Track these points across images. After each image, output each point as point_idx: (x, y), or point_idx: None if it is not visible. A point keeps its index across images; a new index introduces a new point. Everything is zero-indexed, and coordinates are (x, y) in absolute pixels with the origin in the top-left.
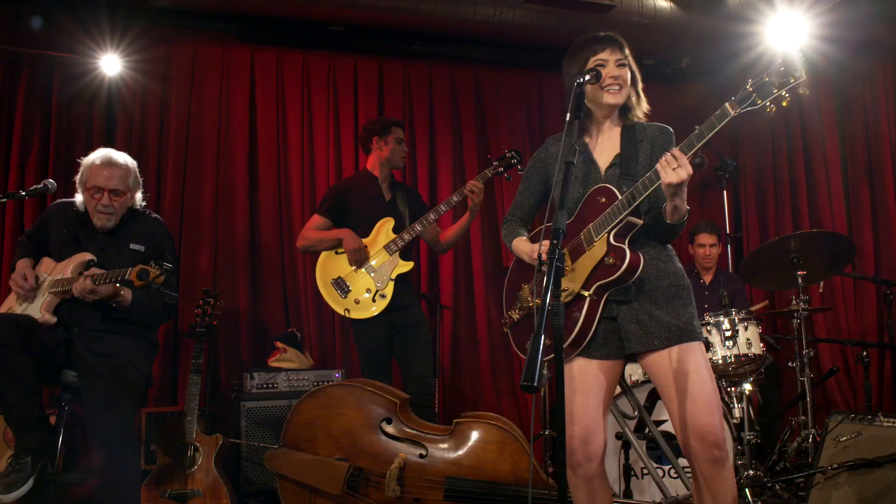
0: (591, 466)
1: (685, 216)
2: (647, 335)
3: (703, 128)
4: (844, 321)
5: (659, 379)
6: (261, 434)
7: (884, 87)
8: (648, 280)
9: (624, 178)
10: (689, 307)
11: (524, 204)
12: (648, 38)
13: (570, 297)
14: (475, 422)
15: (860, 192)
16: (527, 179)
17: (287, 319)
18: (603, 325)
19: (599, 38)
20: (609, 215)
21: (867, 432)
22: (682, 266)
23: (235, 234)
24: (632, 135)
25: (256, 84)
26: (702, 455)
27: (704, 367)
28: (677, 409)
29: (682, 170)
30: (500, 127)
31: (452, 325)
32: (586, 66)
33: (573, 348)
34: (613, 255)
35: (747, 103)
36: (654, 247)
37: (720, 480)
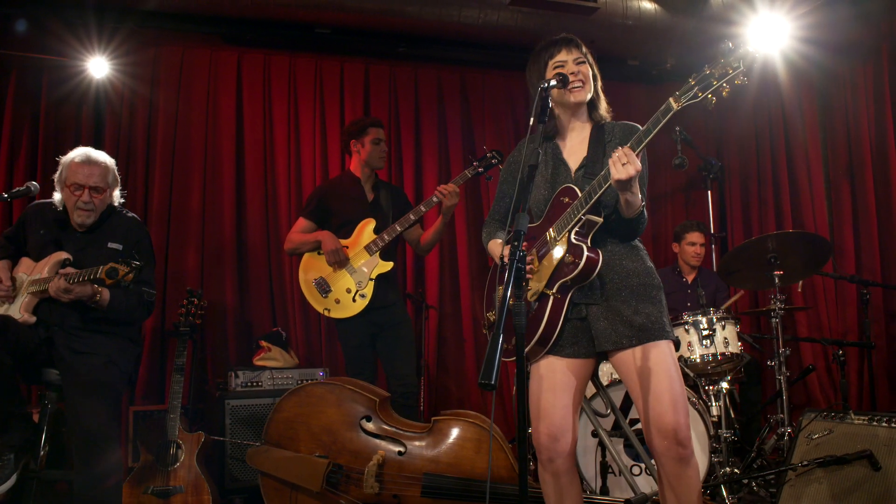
0: (559, 463)
1: (641, 210)
2: (616, 334)
3: (649, 123)
4: (826, 320)
5: (627, 377)
6: (245, 432)
7: (864, 89)
8: (618, 279)
9: (588, 178)
10: (658, 306)
11: (501, 207)
12: (633, 39)
13: (535, 296)
14: (453, 420)
15: (841, 193)
16: (503, 183)
17: (273, 319)
18: (572, 324)
19: (555, 41)
20: (569, 214)
21: (839, 430)
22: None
23: (223, 234)
24: (600, 135)
25: (243, 86)
26: (666, 453)
27: (672, 366)
28: (644, 408)
29: (630, 166)
30: (485, 128)
31: (438, 324)
32: (545, 69)
33: (540, 347)
34: (573, 253)
35: (689, 96)
36: (624, 246)
37: (684, 478)
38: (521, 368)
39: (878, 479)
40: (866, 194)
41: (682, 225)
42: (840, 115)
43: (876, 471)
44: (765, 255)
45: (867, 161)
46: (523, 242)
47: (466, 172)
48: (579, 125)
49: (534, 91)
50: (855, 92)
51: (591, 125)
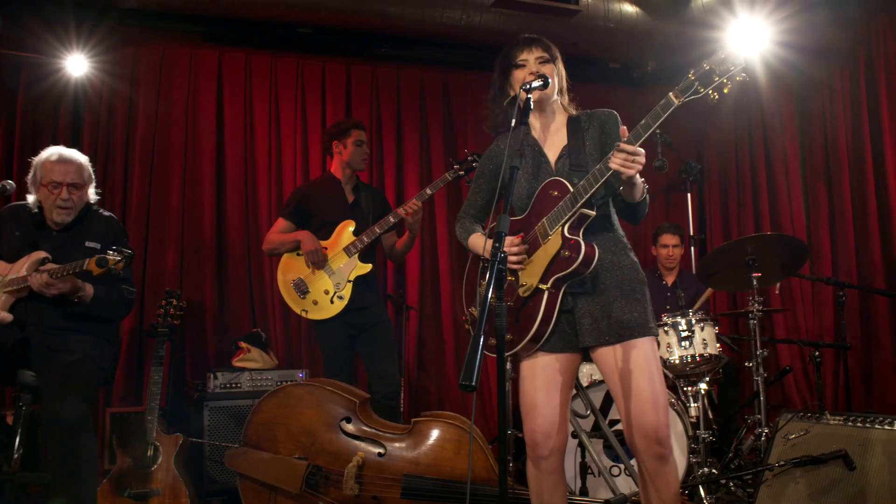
0: (554, 460)
1: (645, 191)
2: (599, 330)
3: (648, 118)
4: (803, 321)
5: (608, 374)
6: (224, 433)
7: (841, 93)
8: (603, 272)
9: (574, 169)
10: (642, 302)
11: (477, 202)
12: (614, 42)
13: (528, 291)
14: (433, 421)
15: (818, 196)
16: (479, 177)
17: (253, 320)
18: (560, 318)
19: (518, 41)
20: (562, 208)
21: (815, 430)
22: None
23: (202, 234)
24: (577, 125)
25: (224, 85)
26: (645, 451)
27: (653, 364)
28: (624, 406)
29: (640, 157)
30: (467, 129)
31: (418, 325)
32: (509, 71)
33: (533, 343)
34: (569, 247)
35: (690, 91)
36: (609, 240)
37: (663, 476)
38: (502, 371)
39: (853, 478)
40: (843, 197)
41: (658, 227)
42: (817, 118)
43: (851, 470)
44: (743, 257)
45: (844, 164)
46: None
47: (447, 175)
48: (552, 118)
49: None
50: (832, 96)
51: (565, 116)
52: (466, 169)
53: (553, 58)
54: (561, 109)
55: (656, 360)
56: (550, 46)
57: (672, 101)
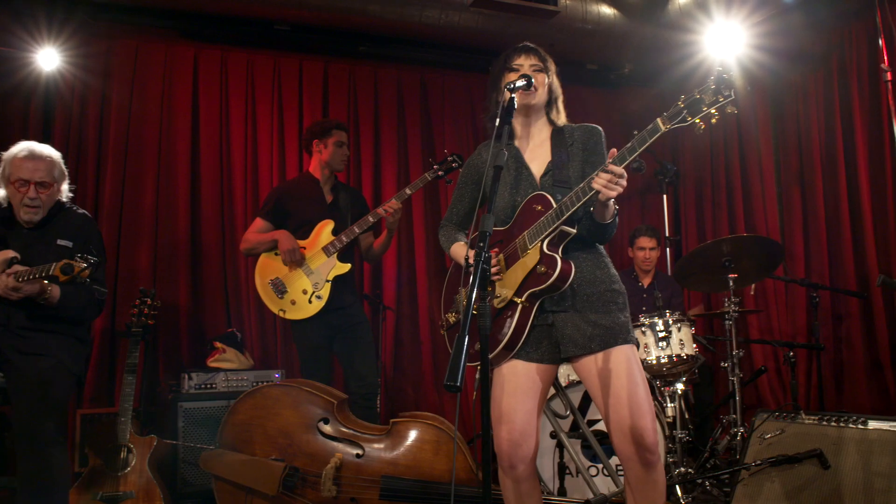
0: (521, 469)
1: (616, 213)
2: (583, 339)
3: (634, 141)
4: (776, 322)
5: (591, 382)
6: (199, 435)
7: (815, 97)
8: (585, 286)
9: (557, 185)
10: (623, 311)
11: (459, 210)
12: (592, 43)
13: (502, 303)
14: (412, 421)
15: (792, 198)
16: (461, 186)
17: (228, 320)
18: (538, 329)
19: (517, 48)
20: (543, 224)
21: (790, 430)
22: (622, 269)
23: (176, 233)
24: (561, 139)
25: (200, 82)
26: (633, 457)
27: (636, 370)
28: (606, 412)
29: (623, 180)
30: (445, 129)
31: (395, 325)
32: (503, 74)
33: (506, 352)
34: (546, 263)
35: (678, 119)
36: (589, 253)
37: (650, 482)
38: (486, 371)
39: (827, 477)
40: (816, 199)
41: (635, 229)
42: (792, 122)
43: (825, 469)
44: (719, 259)
45: (817, 167)
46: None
47: (426, 175)
48: (537, 130)
49: (492, 93)
50: (806, 100)
51: (550, 129)
52: (446, 169)
53: (546, 69)
54: (547, 123)
55: (639, 365)
56: (546, 58)
57: (659, 126)
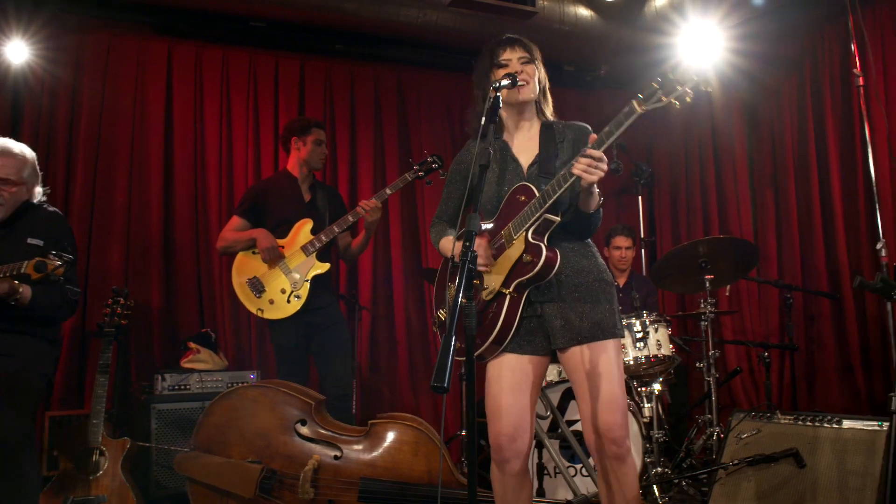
0: (518, 463)
1: (601, 204)
2: (571, 330)
3: (612, 125)
4: (749, 323)
5: (572, 373)
6: (172, 437)
7: (788, 101)
8: (573, 276)
9: (543, 176)
10: (612, 303)
11: (449, 206)
12: (569, 45)
13: (491, 294)
14: (390, 422)
15: (766, 200)
16: (451, 182)
17: (202, 319)
18: (529, 321)
19: (501, 41)
20: (527, 213)
21: (766, 429)
22: None
23: (149, 231)
24: (551, 134)
25: (174, 78)
26: (602, 451)
27: (615, 366)
28: (585, 406)
29: (602, 165)
30: (421, 128)
31: (371, 325)
32: (490, 69)
33: (496, 346)
34: (531, 252)
35: (653, 100)
36: (577, 244)
37: (621, 475)
38: (471, 371)
39: (803, 476)
40: (789, 202)
41: (611, 229)
42: (765, 125)
43: (801, 468)
44: (696, 260)
45: (790, 170)
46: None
47: (407, 176)
48: (527, 123)
49: (479, 91)
50: (780, 104)
51: (540, 123)
52: (426, 170)
53: (534, 59)
54: (537, 116)
55: (619, 362)
56: (532, 48)
57: (635, 108)
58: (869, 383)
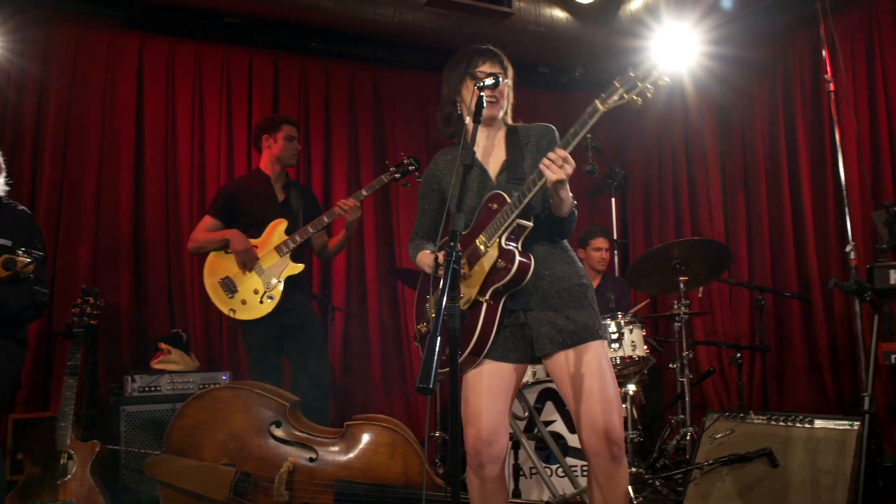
0: (494, 468)
1: (573, 208)
2: (558, 335)
3: (577, 125)
4: (720, 324)
5: (561, 378)
6: (142, 440)
7: (760, 105)
8: (555, 281)
9: (512, 182)
10: (593, 306)
11: (425, 222)
12: (544, 46)
13: (467, 303)
14: (366, 424)
15: (737, 203)
16: (423, 198)
17: (172, 320)
18: (510, 330)
19: (480, 51)
20: (499, 220)
21: (740, 429)
22: None
23: (119, 229)
24: (515, 139)
25: (145, 74)
26: (601, 452)
27: (606, 366)
28: (577, 409)
29: (567, 166)
30: (396, 129)
31: (344, 326)
32: (465, 77)
33: (473, 357)
34: (505, 258)
35: (615, 98)
36: (556, 249)
37: (616, 477)
38: (455, 372)
39: (776, 475)
40: (759, 205)
41: (587, 231)
42: (737, 129)
43: (774, 467)
44: (670, 262)
45: (761, 174)
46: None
47: (383, 177)
48: (491, 131)
49: (450, 91)
50: (751, 107)
51: (504, 129)
52: (402, 172)
53: (507, 76)
54: (502, 125)
55: (608, 362)
56: (507, 66)
57: (598, 107)
58: (837, 383)
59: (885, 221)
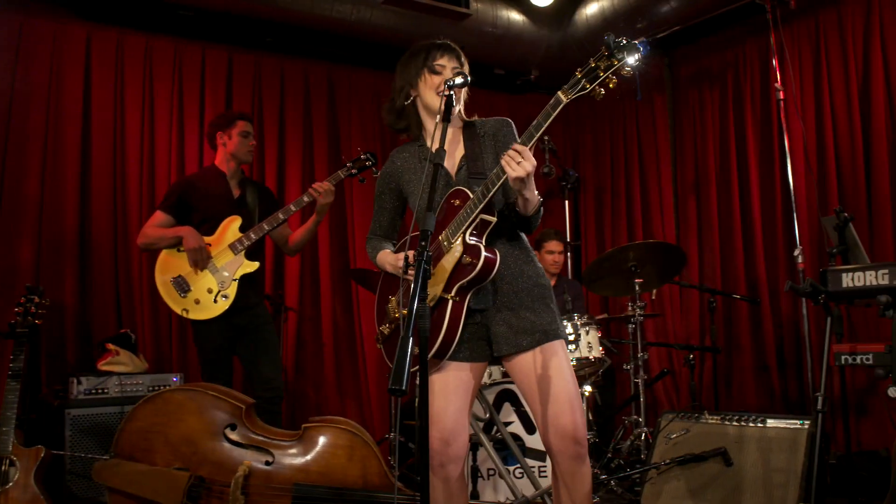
0: (452, 468)
1: (539, 206)
2: (515, 336)
3: (540, 117)
4: (671, 326)
5: (523, 379)
6: (88, 444)
7: (711, 111)
8: (513, 281)
9: (473, 177)
10: (551, 306)
11: (382, 222)
12: (500, 48)
13: (432, 301)
14: (324, 426)
15: (688, 207)
16: (379, 197)
17: (119, 320)
18: (469, 328)
19: (437, 45)
20: (462, 216)
21: (694, 429)
22: None
23: (63, 226)
24: (472, 132)
25: (93, 65)
26: (564, 452)
27: (566, 367)
28: (541, 409)
29: (526, 163)
30: (352, 127)
31: (297, 327)
32: (422, 70)
33: (437, 359)
34: (470, 253)
35: (577, 88)
36: (516, 248)
37: (579, 476)
38: (424, 373)
39: (730, 473)
40: (710, 209)
41: (541, 233)
42: (689, 134)
43: (729, 466)
44: (626, 264)
45: (712, 179)
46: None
47: (339, 173)
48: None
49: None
50: (703, 114)
51: (460, 123)
52: (359, 167)
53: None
54: (459, 121)
55: (568, 362)
56: (465, 61)
57: (561, 98)
58: (783, 383)
59: (836, 226)
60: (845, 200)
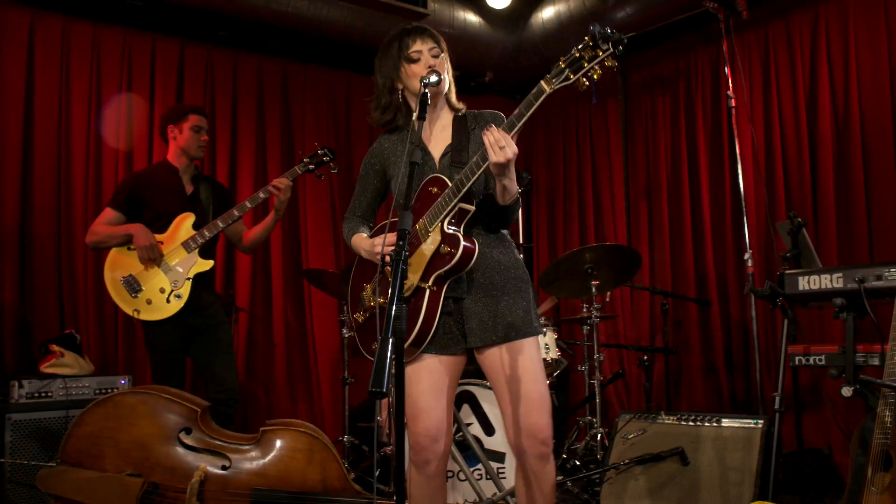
0: (435, 465)
1: (517, 197)
2: (486, 330)
3: (521, 107)
4: (622, 328)
5: (493, 374)
6: (31, 451)
7: (663, 117)
8: (488, 272)
9: (455, 166)
10: (527, 300)
11: (363, 202)
12: (456, 49)
13: (409, 290)
14: (282, 429)
15: (639, 212)
16: (363, 177)
17: (62, 320)
18: (444, 320)
19: (409, 31)
20: (441, 204)
21: (651, 429)
22: None
23: (2, 221)
24: (463, 124)
25: (36, 54)
26: (530, 451)
27: (537, 365)
28: (509, 406)
29: (507, 149)
30: (306, 125)
31: (248, 328)
32: (400, 60)
33: (415, 347)
34: (448, 243)
35: (561, 78)
36: (494, 238)
37: (544, 474)
38: (401, 374)
39: (687, 472)
40: (661, 214)
41: None
42: (640, 140)
43: (686, 465)
44: (582, 266)
45: (663, 184)
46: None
47: (296, 169)
48: (438, 115)
49: (383, 80)
50: (655, 120)
51: (452, 114)
52: (317, 163)
53: (442, 49)
54: (447, 107)
55: (540, 360)
56: (440, 38)
57: (544, 88)
58: (731, 383)
59: (789, 231)
60: (792, 206)
